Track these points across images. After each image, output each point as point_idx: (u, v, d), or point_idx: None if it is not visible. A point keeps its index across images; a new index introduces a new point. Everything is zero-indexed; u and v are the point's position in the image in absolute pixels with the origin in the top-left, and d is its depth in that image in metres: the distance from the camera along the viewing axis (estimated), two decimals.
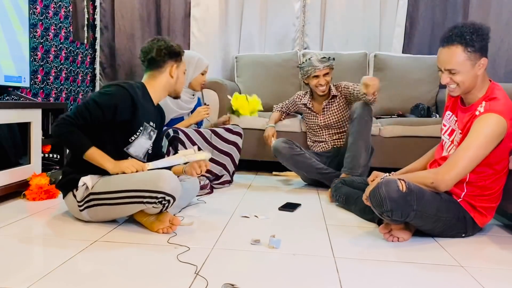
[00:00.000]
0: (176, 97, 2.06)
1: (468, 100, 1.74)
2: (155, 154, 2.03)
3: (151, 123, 1.93)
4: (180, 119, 2.64)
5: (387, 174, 1.83)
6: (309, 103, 2.88)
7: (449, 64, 1.66)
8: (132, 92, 1.79)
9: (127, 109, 1.78)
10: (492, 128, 1.59)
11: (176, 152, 2.23)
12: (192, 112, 2.72)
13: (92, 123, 1.74)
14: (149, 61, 1.92)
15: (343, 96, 2.80)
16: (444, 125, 1.87)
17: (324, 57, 2.74)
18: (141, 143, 1.89)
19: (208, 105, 2.67)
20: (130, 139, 1.84)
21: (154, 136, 1.97)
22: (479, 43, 1.63)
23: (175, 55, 1.93)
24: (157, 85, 1.93)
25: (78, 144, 1.72)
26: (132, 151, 1.87)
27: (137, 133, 1.85)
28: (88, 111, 1.72)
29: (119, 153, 1.83)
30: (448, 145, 1.81)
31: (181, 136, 2.42)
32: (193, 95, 2.70)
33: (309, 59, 2.75)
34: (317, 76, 2.74)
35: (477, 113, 1.65)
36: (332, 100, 2.80)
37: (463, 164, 1.61)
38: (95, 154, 1.73)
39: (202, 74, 2.63)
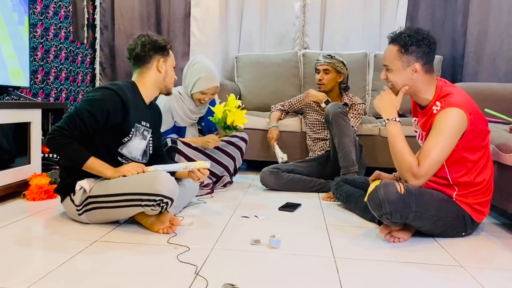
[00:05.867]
0: (168, 93, 1.98)
1: (422, 103, 1.78)
2: (156, 154, 2.03)
3: (143, 123, 1.90)
4: (183, 128, 2.58)
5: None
6: (315, 104, 2.90)
7: (384, 60, 1.77)
8: (122, 94, 1.76)
9: (118, 112, 1.75)
10: (453, 120, 1.61)
11: (173, 162, 2.21)
12: (203, 117, 2.68)
13: (88, 132, 1.72)
14: (135, 58, 1.88)
15: (350, 109, 2.85)
16: (416, 131, 1.90)
17: (329, 55, 2.86)
18: (136, 144, 1.87)
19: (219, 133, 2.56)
20: (123, 140, 1.82)
21: (148, 136, 1.95)
22: (414, 47, 1.69)
23: (161, 49, 1.88)
24: (147, 83, 1.89)
25: (77, 156, 1.70)
26: (126, 152, 1.85)
27: (130, 135, 1.83)
28: (83, 121, 1.69)
29: (113, 156, 1.82)
30: None
31: (180, 146, 2.40)
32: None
33: (319, 54, 2.93)
34: (318, 71, 2.84)
35: (434, 111, 1.68)
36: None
37: (434, 154, 1.61)
38: (94, 164, 1.72)
39: (202, 93, 2.48)
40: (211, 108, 2.55)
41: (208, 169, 1.93)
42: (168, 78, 1.93)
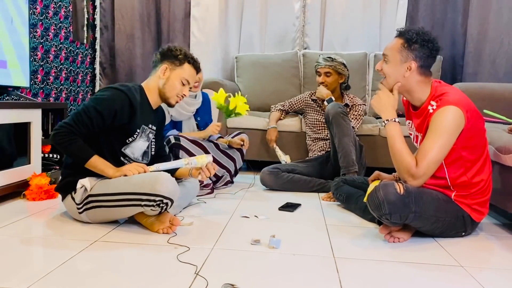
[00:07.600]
0: (167, 103, 1.92)
1: (415, 103, 1.77)
2: (158, 155, 2.03)
3: (150, 125, 1.92)
4: (179, 123, 2.60)
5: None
6: (320, 100, 2.90)
7: (385, 50, 1.75)
8: (131, 95, 1.78)
9: (126, 112, 1.77)
10: (450, 118, 1.60)
11: (176, 159, 2.21)
12: (195, 115, 2.68)
13: (94, 130, 1.73)
14: (153, 65, 1.94)
15: (351, 110, 2.85)
16: (410, 134, 1.90)
17: (329, 57, 2.84)
18: (139, 145, 1.89)
19: (219, 123, 2.65)
20: (127, 141, 1.84)
21: (152, 138, 1.96)
22: (417, 46, 1.68)
23: (171, 57, 1.89)
24: (151, 86, 1.91)
25: (80, 153, 1.72)
26: (129, 152, 1.86)
27: (135, 135, 1.84)
28: (90, 119, 1.70)
29: (116, 155, 1.83)
30: None
31: (183, 142, 2.41)
32: (195, 96, 2.63)
33: (319, 56, 2.90)
34: (319, 74, 2.84)
35: (430, 111, 1.67)
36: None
37: (432, 154, 1.61)
38: (97, 163, 1.73)
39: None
40: (214, 94, 2.68)
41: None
42: (168, 86, 1.89)
